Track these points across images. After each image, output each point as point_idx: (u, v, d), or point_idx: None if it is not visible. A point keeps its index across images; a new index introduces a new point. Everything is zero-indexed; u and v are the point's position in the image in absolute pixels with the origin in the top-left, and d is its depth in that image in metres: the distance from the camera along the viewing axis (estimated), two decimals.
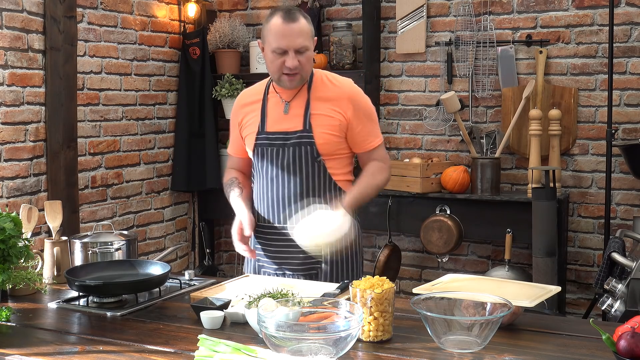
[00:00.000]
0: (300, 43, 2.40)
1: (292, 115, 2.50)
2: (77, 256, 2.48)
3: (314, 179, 2.49)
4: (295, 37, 2.39)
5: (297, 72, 2.42)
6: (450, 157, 4.43)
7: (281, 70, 2.43)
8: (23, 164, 3.59)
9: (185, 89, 4.61)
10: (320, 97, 2.50)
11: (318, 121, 2.47)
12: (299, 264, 2.52)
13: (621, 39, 3.98)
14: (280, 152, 2.50)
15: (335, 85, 2.53)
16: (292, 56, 2.40)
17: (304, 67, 2.43)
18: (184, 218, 4.81)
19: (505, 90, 4.24)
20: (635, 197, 4.05)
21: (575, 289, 4.20)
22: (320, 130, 2.46)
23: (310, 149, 2.47)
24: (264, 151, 2.52)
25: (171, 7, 4.60)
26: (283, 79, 2.45)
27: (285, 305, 1.77)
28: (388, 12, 4.50)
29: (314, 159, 2.48)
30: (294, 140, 2.48)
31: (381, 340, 1.81)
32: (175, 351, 1.77)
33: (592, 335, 1.83)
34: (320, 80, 2.54)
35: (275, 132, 2.51)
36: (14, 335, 1.94)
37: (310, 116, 2.48)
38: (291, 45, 2.39)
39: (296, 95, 2.51)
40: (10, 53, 3.48)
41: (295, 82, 2.45)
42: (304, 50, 2.41)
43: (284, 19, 2.41)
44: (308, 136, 2.46)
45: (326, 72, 2.60)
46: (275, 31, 2.41)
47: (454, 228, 4.08)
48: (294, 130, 2.48)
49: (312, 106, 2.48)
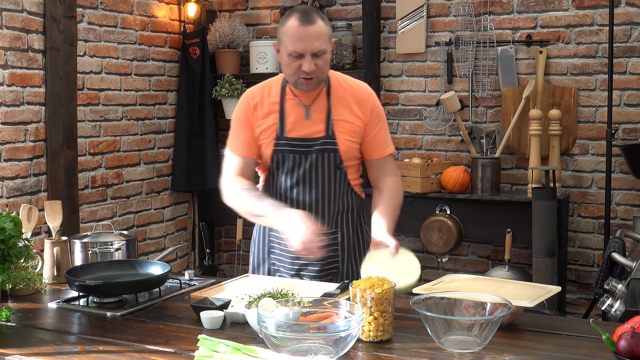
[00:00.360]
0: (318, 47, 2.30)
1: (314, 120, 2.42)
2: (77, 256, 2.48)
3: (335, 186, 2.44)
4: (312, 40, 2.29)
5: (314, 76, 2.34)
6: (450, 157, 4.43)
7: (298, 73, 2.34)
8: (23, 164, 3.59)
9: (185, 89, 4.61)
10: (340, 102, 2.43)
11: (340, 127, 2.41)
12: (317, 270, 2.46)
13: (621, 39, 3.98)
14: (303, 158, 2.41)
15: (354, 89, 2.47)
16: (308, 60, 2.30)
17: (321, 71, 2.34)
18: (184, 218, 4.81)
19: (505, 90, 4.24)
20: (635, 197, 4.05)
21: (575, 289, 4.20)
22: (343, 136, 2.41)
23: (334, 156, 2.41)
24: (285, 157, 2.43)
25: (171, 7, 4.60)
26: (300, 83, 2.36)
27: (285, 305, 1.77)
28: (388, 12, 4.50)
29: (337, 166, 2.42)
30: (317, 146, 2.40)
31: (381, 340, 1.81)
32: (175, 351, 1.77)
33: (592, 335, 1.83)
34: (338, 83, 2.47)
35: (297, 138, 2.41)
36: (14, 335, 1.94)
37: (332, 122, 2.41)
38: (308, 49, 2.30)
39: (316, 99, 2.43)
40: (10, 53, 3.48)
41: (312, 86, 2.37)
42: (321, 53, 2.32)
43: (301, 21, 2.31)
44: (332, 142, 2.40)
45: (340, 73, 2.53)
46: (292, 34, 2.31)
47: (454, 228, 4.08)
48: (317, 137, 2.40)
49: (334, 111, 2.42)
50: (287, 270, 2.50)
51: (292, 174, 2.43)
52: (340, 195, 2.46)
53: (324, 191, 2.44)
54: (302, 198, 2.44)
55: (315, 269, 2.46)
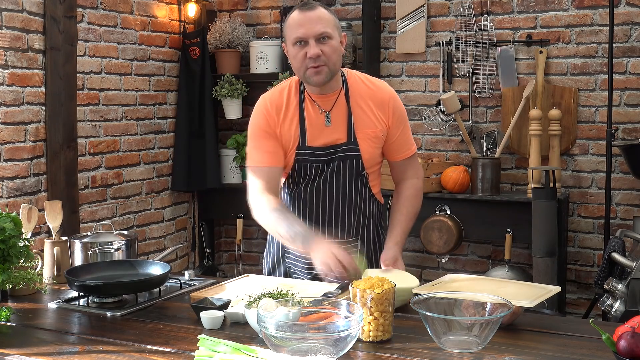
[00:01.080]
0: (320, 29, 2.21)
1: (334, 126, 2.33)
2: (77, 256, 2.48)
3: (357, 193, 2.40)
4: (313, 24, 2.21)
5: (322, 64, 2.23)
6: (450, 157, 4.43)
7: (305, 63, 2.24)
8: (23, 164, 3.58)
9: (185, 89, 4.61)
10: (360, 105, 2.35)
11: (362, 133, 2.33)
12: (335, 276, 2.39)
13: (621, 39, 3.98)
14: (325, 166, 2.35)
15: (373, 89, 2.38)
16: (312, 45, 2.21)
17: (329, 58, 2.23)
18: (184, 218, 4.81)
19: (505, 90, 4.24)
20: (635, 197, 4.05)
21: (575, 289, 4.20)
22: (365, 142, 2.34)
23: (356, 163, 2.35)
24: (307, 167, 2.35)
25: (171, 7, 4.60)
26: (308, 74, 2.25)
27: (285, 305, 1.77)
28: (388, 12, 4.50)
29: (359, 173, 2.37)
30: (339, 154, 2.33)
31: (381, 340, 1.81)
32: (175, 351, 1.77)
33: (592, 335, 1.83)
34: (356, 83, 2.37)
35: (320, 147, 2.34)
36: (14, 335, 1.93)
37: (354, 127, 2.33)
38: (309, 33, 2.22)
39: (335, 103, 2.34)
40: (10, 53, 3.48)
41: (322, 77, 2.25)
42: (326, 37, 2.22)
43: (301, 10, 2.26)
44: (354, 149, 2.33)
45: (357, 72, 2.44)
46: (293, 23, 2.25)
47: (454, 228, 4.08)
48: (339, 144, 2.33)
49: (354, 115, 2.33)
50: (304, 274, 2.46)
51: (314, 182, 2.38)
52: (362, 202, 2.42)
53: (345, 198, 2.39)
54: (323, 206, 2.39)
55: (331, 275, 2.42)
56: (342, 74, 2.39)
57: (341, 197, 2.39)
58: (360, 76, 2.42)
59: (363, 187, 2.41)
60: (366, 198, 2.44)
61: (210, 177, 4.61)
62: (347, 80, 2.38)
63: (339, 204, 2.40)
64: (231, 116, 4.64)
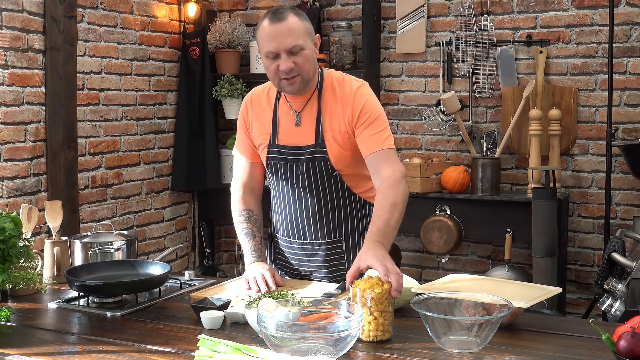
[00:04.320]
0: (291, 42, 2.20)
1: (304, 127, 2.34)
2: (77, 256, 2.48)
3: (334, 194, 2.38)
4: (283, 37, 2.19)
5: (295, 75, 2.23)
6: (450, 157, 4.43)
7: (278, 75, 2.24)
8: (23, 164, 3.59)
9: (185, 89, 4.61)
10: (329, 107, 2.33)
11: (329, 134, 2.31)
12: (322, 277, 2.44)
13: (621, 39, 3.98)
14: (294, 167, 2.36)
15: (343, 91, 2.34)
16: (284, 58, 2.21)
17: (302, 68, 2.23)
18: (184, 218, 4.81)
19: (505, 90, 4.24)
20: (635, 197, 4.05)
21: (575, 289, 4.20)
22: (333, 144, 2.31)
23: (325, 165, 2.33)
24: (277, 165, 2.39)
25: (171, 7, 4.60)
26: (282, 85, 2.27)
27: (285, 305, 1.77)
28: (388, 12, 4.50)
29: (330, 174, 2.35)
30: (307, 155, 2.33)
31: (381, 340, 1.81)
32: (175, 351, 1.77)
33: (592, 335, 1.83)
34: (329, 86, 2.36)
35: (287, 147, 2.36)
36: (14, 335, 1.94)
37: (322, 129, 2.32)
38: (281, 47, 2.20)
39: (307, 104, 2.35)
40: (10, 53, 3.48)
41: (297, 86, 2.26)
42: (297, 50, 2.21)
43: (270, 20, 2.22)
44: (321, 151, 2.32)
45: (338, 73, 2.41)
46: (264, 35, 2.23)
47: (454, 228, 4.08)
48: (306, 145, 2.33)
49: (324, 116, 2.32)
50: (293, 275, 2.49)
51: (287, 181, 2.40)
52: (342, 203, 2.40)
53: (321, 199, 2.38)
54: (299, 208, 2.40)
55: (320, 275, 2.45)
56: (320, 74, 2.38)
57: (316, 198, 2.38)
58: (336, 78, 2.38)
59: (339, 187, 2.38)
60: (347, 199, 2.40)
61: (210, 177, 4.61)
62: (323, 82, 2.36)
63: (316, 205, 2.38)
64: (231, 116, 4.64)
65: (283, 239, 2.48)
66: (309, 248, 2.43)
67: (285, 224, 2.45)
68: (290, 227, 2.44)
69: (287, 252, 2.49)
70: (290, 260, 2.49)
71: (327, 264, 2.43)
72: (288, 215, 2.43)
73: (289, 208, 2.42)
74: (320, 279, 2.44)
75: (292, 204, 2.41)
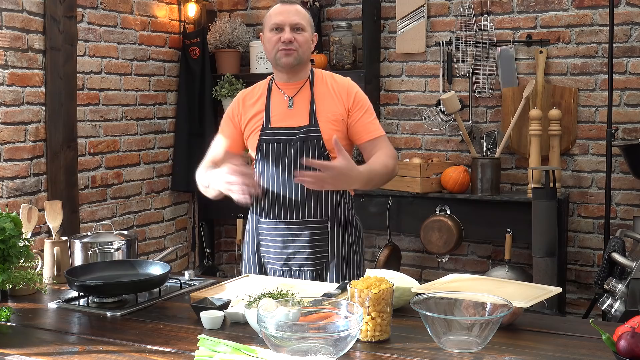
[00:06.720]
0: (296, 20, 2.49)
1: (297, 110, 2.53)
2: (77, 256, 2.48)
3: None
4: (291, 14, 2.49)
5: (292, 49, 2.47)
6: (450, 157, 4.43)
7: (277, 46, 2.48)
8: (23, 164, 3.59)
9: (185, 89, 4.61)
10: (322, 92, 2.54)
11: (323, 116, 2.50)
12: (305, 259, 2.53)
13: (621, 39, 3.98)
14: (287, 147, 2.50)
15: (336, 81, 2.58)
16: (287, 31, 2.47)
17: (300, 46, 2.49)
18: (184, 218, 4.81)
19: (505, 90, 4.24)
20: (635, 197, 4.05)
21: (575, 289, 4.20)
22: (326, 125, 2.49)
23: (317, 144, 2.48)
24: (269, 147, 2.52)
25: (171, 7, 4.60)
26: (279, 55, 2.49)
27: (285, 305, 1.77)
28: (388, 12, 4.50)
29: (321, 154, 2.49)
30: (300, 135, 2.49)
31: (379, 340, 1.81)
32: (175, 351, 1.77)
33: (592, 335, 1.83)
34: (321, 77, 2.59)
35: (281, 128, 2.52)
36: (14, 335, 1.93)
37: (315, 111, 2.50)
38: (287, 21, 2.48)
39: (299, 91, 2.54)
40: (10, 53, 3.48)
41: (291, 59, 2.48)
42: (300, 29, 2.49)
43: (282, 3, 2.54)
44: (315, 131, 2.49)
45: (327, 72, 2.64)
46: (273, 12, 2.52)
47: (454, 228, 4.08)
48: (300, 126, 2.50)
49: (317, 101, 2.52)
50: (276, 261, 2.57)
51: (278, 163, 2.51)
52: None
53: None
54: (289, 186, 2.51)
55: (302, 257, 2.53)
56: (311, 71, 2.60)
57: None
58: (326, 73, 2.62)
59: None
60: None
61: None
62: (314, 75, 2.59)
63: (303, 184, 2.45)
64: None
65: (268, 221, 2.56)
66: (294, 227, 2.53)
67: (272, 205, 2.54)
68: (277, 207, 2.54)
69: (272, 234, 2.56)
70: (274, 244, 2.56)
71: (311, 243, 2.53)
72: (276, 196, 2.53)
73: (278, 188, 2.53)
74: (302, 260, 2.52)
75: (281, 184, 2.52)
